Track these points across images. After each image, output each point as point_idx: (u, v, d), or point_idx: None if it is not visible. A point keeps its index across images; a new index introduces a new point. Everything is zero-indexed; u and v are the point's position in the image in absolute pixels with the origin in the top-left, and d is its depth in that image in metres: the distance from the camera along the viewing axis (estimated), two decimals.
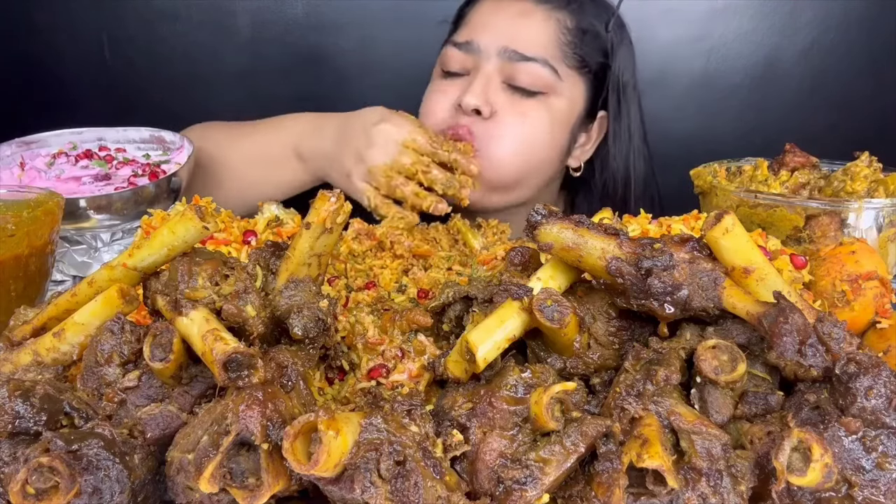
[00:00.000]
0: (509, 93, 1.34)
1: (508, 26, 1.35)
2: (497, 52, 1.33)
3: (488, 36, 1.34)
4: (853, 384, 0.52)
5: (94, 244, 1.14)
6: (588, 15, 1.39)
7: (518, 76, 1.33)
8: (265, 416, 0.52)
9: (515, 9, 1.37)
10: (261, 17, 2.11)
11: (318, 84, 2.15)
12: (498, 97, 1.33)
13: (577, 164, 1.49)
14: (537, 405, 0.56)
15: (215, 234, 0.90)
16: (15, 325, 0.68)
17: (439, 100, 1.38)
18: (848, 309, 0.87)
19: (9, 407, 0.54)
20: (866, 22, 2.05)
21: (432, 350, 0.75)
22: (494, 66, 1.33)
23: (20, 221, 0.85)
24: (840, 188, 1.05)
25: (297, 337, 0.63)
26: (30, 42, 2.11)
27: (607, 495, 0.52)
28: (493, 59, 1.33)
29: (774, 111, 2.14)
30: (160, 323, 0.59)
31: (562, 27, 1.36)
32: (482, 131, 1.32)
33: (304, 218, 0.66)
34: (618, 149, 1.48)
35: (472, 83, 1.33)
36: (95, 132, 1.33)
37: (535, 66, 1.33)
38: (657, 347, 0.61)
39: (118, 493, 0.52)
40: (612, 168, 1.49)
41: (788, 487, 0.50)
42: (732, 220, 0.60)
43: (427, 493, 0.51)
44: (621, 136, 1.48)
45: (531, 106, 1.34)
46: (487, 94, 1.32)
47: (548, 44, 1.35)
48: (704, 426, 0.53)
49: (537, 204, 0.65)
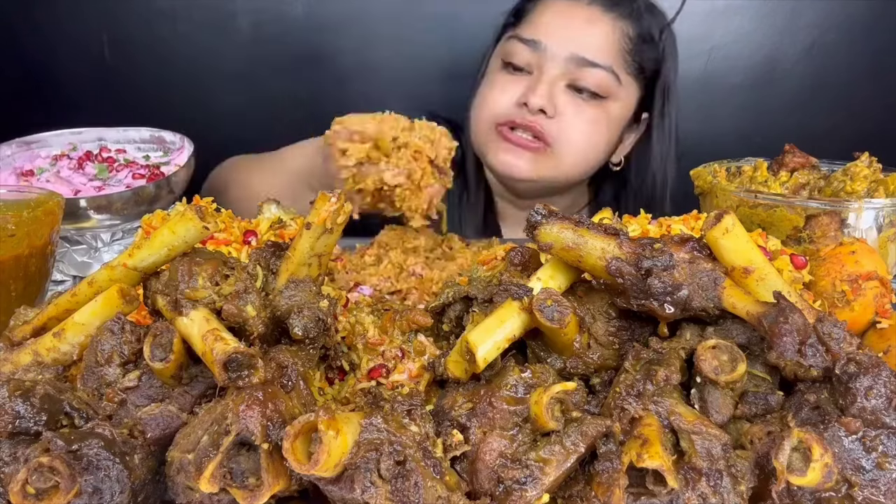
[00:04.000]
0: (571, 95, 1.41)
1: (577, 32, 1.41)
2: (565, 56, 1.39)
3: (557, 39, 1.40)
4: (853, 384, 0.52)
5: (94, 244, 1.14)
6: (646, 23, 1.45)
7: (583, 81, 1.39)
8: (265, 416, 0.52)
9: (584, 15, 1.42)
10: (261, 17, 2.10)
11: (318, 84, 2.15)
12: (560, 99, 1.40)
13: (617, 160, 1.57)
14: (537, 405, 0.56)
15: (215, 234, 0.90)
16: (15, 325, 0.68)
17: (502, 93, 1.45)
18: (848, 309, 0.87)
19: (9, 407, 0.54)
20: (867, 22, 2.05)
21: (432, 350, 0.75)
22: (560, 69, 1.39)
23: (20, 221, 0.85)
24: (840, 188, 1.05)
25: (298, 337, 0.63)
26: (30, 42, 2.11)
27: (607, 495, 0.52)
28: (559, 63, 1.39)
29: (774, 111, 2.14)
30: (160, 323, 0.59)
31: (625, 36, 1.42)
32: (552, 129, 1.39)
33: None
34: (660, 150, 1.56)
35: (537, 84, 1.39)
36: (95, 132, 1.33)
37: (601, 73, 1.39)
38: (657, 347, 0.61)
39: (118, 493, 0.52)
40: (652, 168, 1.57)
41: (788, 487, 0.50)
42: (732, 220, 0.60)
43: (427, 493, 0.51)
44: (664, 138, 1.55)
45: (592, 109, 1.42)
46: (552, 95, 1.39)
47: (612, 51, 1.41)
48: (704, 426, 0.53)
49: (537, 204, 0.66)
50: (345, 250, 1.04)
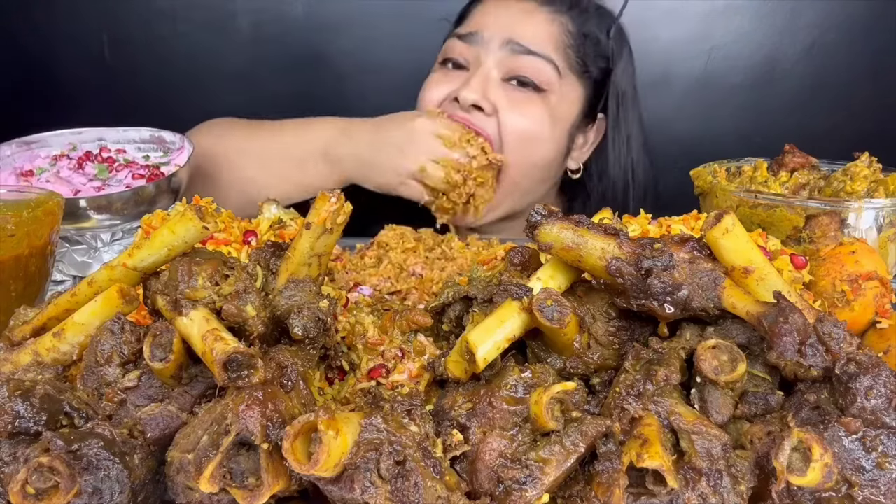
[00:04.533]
0: (508, 89, 1.34)
1: (513, 21, 1.36)
2: (501, 43, 1.34)
3: (492, 28, 1.35)
4: (853, 384, 0.52)
5: (94, 244, 1.14)
6: (590, 21, 1.41)
7: (520, 70, 1.33)
8: (265, 416, 0.52)
9: (520, 7, 1.38)
10: (261, 17, 2.11)
11: (318, 84, 2.15)
12: (497, 93, 1.33)
13: (575, 166, 1.50)
14: (537, 405, 0.56)
15: (215, 234, 0.90)
16: (15, 325, 0.68)
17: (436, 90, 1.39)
18: (848, 309, 0.87)
19: (9, 407, 0.54)
20: (867, 22, 2.05)
21: (432, 350, 0.75)
22: (496, 59, 1.34)
23: (20, 221, 0.85)
24: (840, 188, 1.05)
25: (297, 337, 0.63)
26: (30, 42, 2.11)
27: (607, 495, 0.52)
28: (495, 52, 1.34)
29: (774, 111, 2.14)
30: (160, 323, 0.59)
31: (564, 30, 1.38)
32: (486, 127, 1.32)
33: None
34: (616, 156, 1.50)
35: (470, 78, 1.33)
36: (95, 132, 1.33)
37: (539, 61, 1.34)
38: (657, 347, 0.61)
39: (118, 493, 0.52)
40: (611, 175, 1.51)
41: (788, 487, 0.50)
42: (732, 220, 0.60)
43: (427, 493, 0.51)
44: (620, 144, 1.49)
45: (531, 102, 1.35)
46: (486, 90, 1.32)
47: (551, 42, 1.36)
48: (704, 426, 0.53)
49: (538, 204, 0.66)
50: (345, 250, 1.04)
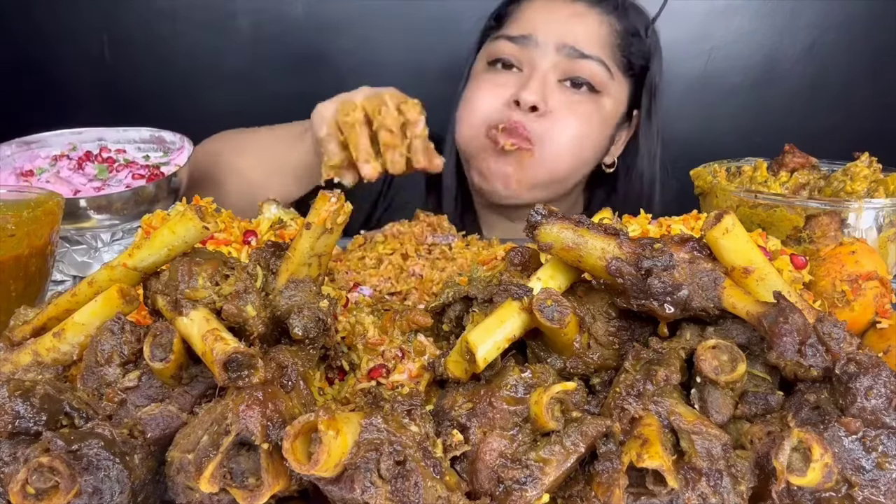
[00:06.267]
0: (566, 92, 1.37)
1: (566, 24, 1.37)
2: (556, 47, 1.35)
3: (546, 32, 1.36)
4: (853, 384, 0.52)
5: (94, 244, 1.14)
6: (632, 19, 1.43)
7: (576, 73, 1.35)
8: (265, 416, 0.52)
9: (570, 9, 1.40)
10: (261, 17, 2.10)
11: (318, 84, 2.13)
12: (553, 95, 1.35)
13: (611, 161, 1.53)
14: (537, 405, 0.56)
15: (215, 234, 0.90)
16: (15, 325, 0.68)
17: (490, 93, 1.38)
18: (848, 309, 0.87)
19: (9, 407, 0.54)
20: (866, 22, 2.05)
21: (432, 350, 0.75)
22: (551, 63, 1.35)
23: (20, 221, 0.85)
24: (840, 188, 1.06)
25: (298, 337, 0.63)
26: (29, 42, 2.11)
27: (607, 495, 0.52)
28: (550, 55, 1.35)
29: (774, 111, 2.14)
30: (160, 323, 0.59)
31: (612, 30, 1.40)
32: (538, 129, 1.34)
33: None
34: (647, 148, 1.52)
35: (529, 80, 1.34)
36: (95, 132, 1.33)
37: (593, 64, 1.36)
38: (657, 347, 0.61)
39: (118, 493, 0.52)
40: (640, 167, 1.53)
41: (788, 487, 0.50)
42: (732, 220, 0.60)
43: (427, 493, 0.51)
44: (650, 136, 1.52)
45: (584, 104, 1.38)
46: (544, 91, 1.34)
47: (602, 44, 1.38)
48: (704, 426, 0.53)
49: (537, 204, 0.66)
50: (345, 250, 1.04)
